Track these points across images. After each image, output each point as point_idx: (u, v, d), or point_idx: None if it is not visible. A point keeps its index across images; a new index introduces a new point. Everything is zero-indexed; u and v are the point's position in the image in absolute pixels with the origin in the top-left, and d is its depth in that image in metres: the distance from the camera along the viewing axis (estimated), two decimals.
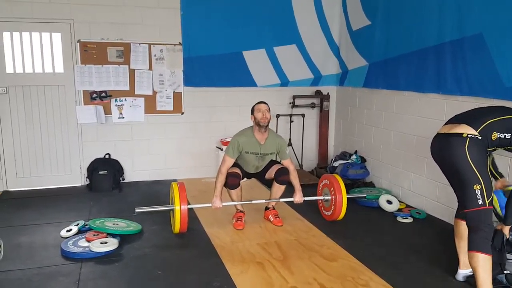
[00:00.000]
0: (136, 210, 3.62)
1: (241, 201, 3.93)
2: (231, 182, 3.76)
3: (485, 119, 2.55)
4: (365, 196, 4.45)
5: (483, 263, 2.47)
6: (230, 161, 3.77)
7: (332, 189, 3.94)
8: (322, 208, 4.16)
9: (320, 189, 4.21)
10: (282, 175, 3.84)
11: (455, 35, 3.73)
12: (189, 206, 3.59)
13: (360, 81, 5.21)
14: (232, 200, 3.90)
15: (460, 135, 2.54)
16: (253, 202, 3.92)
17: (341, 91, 5.76)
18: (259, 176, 4.07)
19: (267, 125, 3.77)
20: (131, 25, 5.01)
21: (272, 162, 4.00)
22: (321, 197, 4.09)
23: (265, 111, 3.74)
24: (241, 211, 3.96)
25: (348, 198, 3.91)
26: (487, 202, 2.47)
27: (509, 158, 3.31)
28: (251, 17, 5.31)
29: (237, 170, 3.82)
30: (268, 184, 4.09)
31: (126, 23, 4.99)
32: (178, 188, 3.58)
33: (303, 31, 5.56)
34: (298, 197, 3.88)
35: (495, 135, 2.52)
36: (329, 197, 3.97)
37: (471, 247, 2.54)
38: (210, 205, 3.72)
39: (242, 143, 3.76)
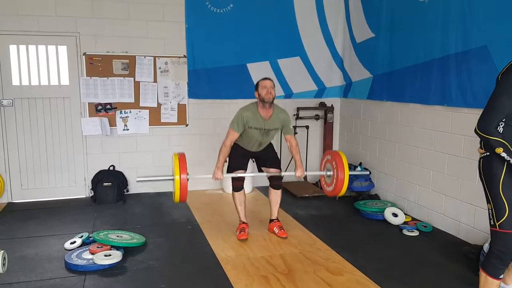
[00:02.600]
0: (136, 180, 3.70)
1: (244, 208, 3.94)
2: (236, 184, 3.83)
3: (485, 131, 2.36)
4: (369, 173, 4.26)
5: (485, 284, 2.40)
6: (234, 135, 3.75)
7: (334, 164, 3.83)
8: (324, 184, 4.07)
9: (322, 164, 4.11)
10: (275, 181, 3.93)
11: (459, 48, 3.74)
12: (189, 177, 3.54)
13: (364, 93, 5.21)
14: (236, 208, 3.93)
15: (480, 158, 2.49)
16: (254, 174, 3.89)
17: (345, 103, 5.76)
18: (259, 160, 4.00)
19: (272, 101, 3.71)
20: (136, 38, 5.06)
21: (273, 158, 3.96)
22: (323, 173, 4.00)
23: (270, 88, 3.66)
24: (244, 223, 3.95)
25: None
26: (497, 224, 2.34)
27: None
28: (255, 29, 5.35)
29: (241, 173, 3.82)
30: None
31: (131, 36, 5.04)
32: (178, 159, 3.54)
33: (307, 43, 5.58)
34: (300, 172, 3.84)
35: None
36: (331, 173, 3.88)
37: (481, 264, 2.49)
38: (211, 176, 3.74)
39: (246, 118, 3.70)
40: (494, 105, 2.31)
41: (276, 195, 3.97)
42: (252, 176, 3.91)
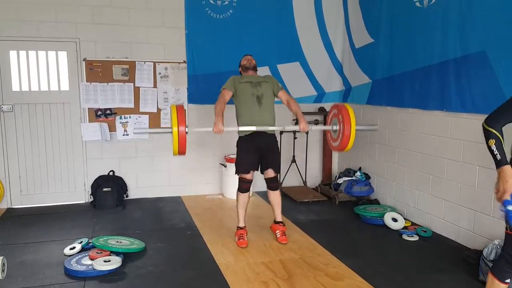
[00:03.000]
0: (134, 131, 3.64)
1: (245, 212, 3.93)
2: (243, 186, 3.85)
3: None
4: (376, 128, 4.14)
5: (491, 286, 2.38)
6: (228, 93, 3.89)
7: (340, 118, 3.71)
8: (330, 139, 3.98)
9: (329, 119, 3.99)
10: (272, 183, 3.93)
11: (458, 53, 3.75)
12: (188, 130, 3.52)
13: (364, 98, 5.23)
14: (237, 211, 3.92)
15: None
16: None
17: None
18: (262, 159, 3.93)
19: (253, 67, 4.01)
20: (136, 43, 5.07)
21: (274, 159, 3.92)
22: (329, 127, 3.91)
23: (250, 58, 4.06)
24: (242, 228, 3.95)
25: (356, 130, 3.67)
26: (509, 226, 2.30)
27: None
28: (254, 35, 5.37)
29: (249, 176, 3.83)
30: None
31: (131, 42, 5.06)
32: (176, 111, 3.49)
33: (306, 48, 5.60)
34: (303, 125, 3.73)
35: None
36: (337, 127, 3.77)
37: (490, 266, 2.47)
38: (211, 129, 3.69)
39: (234, 77, 3.96)
40: (504, 109, 2.30)
41: (275, 196, 3.98)
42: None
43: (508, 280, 2.36)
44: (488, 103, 3.48)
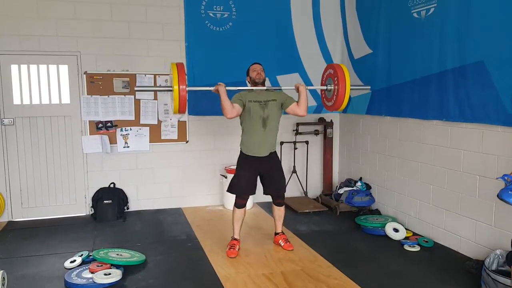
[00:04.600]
0: (135, 89, 3.92)
1: (240, 226, 3.95)
2: (240, 202, 3.88)
3: None
4: (369, 88, 4.15)
5: None
6: (236, 106, 3.77)
7: (335, 78, 3.78)
8: (324, 99, 4.04)
9: (324, 78, 4.05)
10: (279, 199, 3.98)
11: (456, 63, 3.77)
12: (188, 88, 3.57)
13: (363, 108, 5.24)
14: (233, 224, 3.95)
15: None
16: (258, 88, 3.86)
17: (345, 118, 5.78)
18: (266, 179, 3.97)
19: (263, 82, 3.88)
20: (136, 56, 5.11)
21: (280, 183, 3.99)
22: (324, 87, 3.98)
23: (260, 70, 3.89)
24: (235, 239, 3.96)
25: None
26: None
27: None
28: (254, 47, 5.40)
29: (246, 196, 3.90)
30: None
31: (131, 55, 5.10)
32: (177, 69, 3.52)
33: (305, 59, 5.63)
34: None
35: None
36: (332, 87, 3.85)
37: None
38: (211, 88, 3.77)
39: (243, 93, 3.86)
40: None
41: (280, 211, 4.05)
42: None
43: None
44: (487, 112, 3.50)
